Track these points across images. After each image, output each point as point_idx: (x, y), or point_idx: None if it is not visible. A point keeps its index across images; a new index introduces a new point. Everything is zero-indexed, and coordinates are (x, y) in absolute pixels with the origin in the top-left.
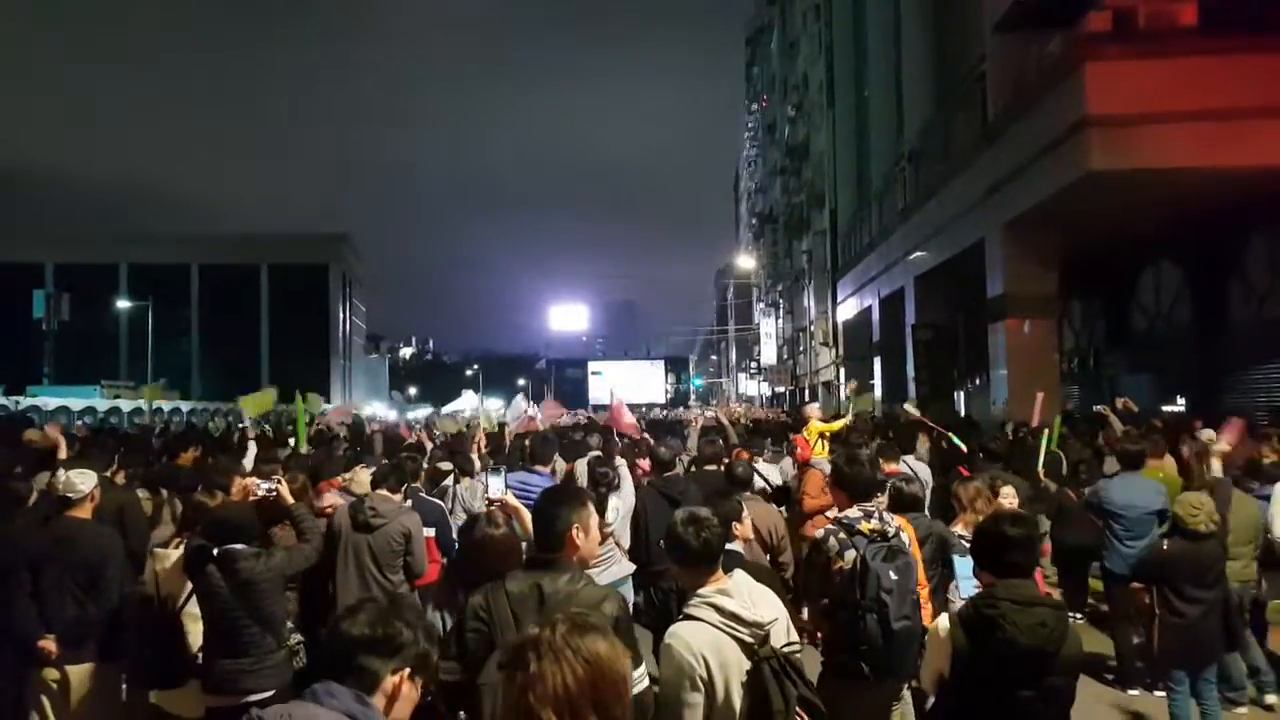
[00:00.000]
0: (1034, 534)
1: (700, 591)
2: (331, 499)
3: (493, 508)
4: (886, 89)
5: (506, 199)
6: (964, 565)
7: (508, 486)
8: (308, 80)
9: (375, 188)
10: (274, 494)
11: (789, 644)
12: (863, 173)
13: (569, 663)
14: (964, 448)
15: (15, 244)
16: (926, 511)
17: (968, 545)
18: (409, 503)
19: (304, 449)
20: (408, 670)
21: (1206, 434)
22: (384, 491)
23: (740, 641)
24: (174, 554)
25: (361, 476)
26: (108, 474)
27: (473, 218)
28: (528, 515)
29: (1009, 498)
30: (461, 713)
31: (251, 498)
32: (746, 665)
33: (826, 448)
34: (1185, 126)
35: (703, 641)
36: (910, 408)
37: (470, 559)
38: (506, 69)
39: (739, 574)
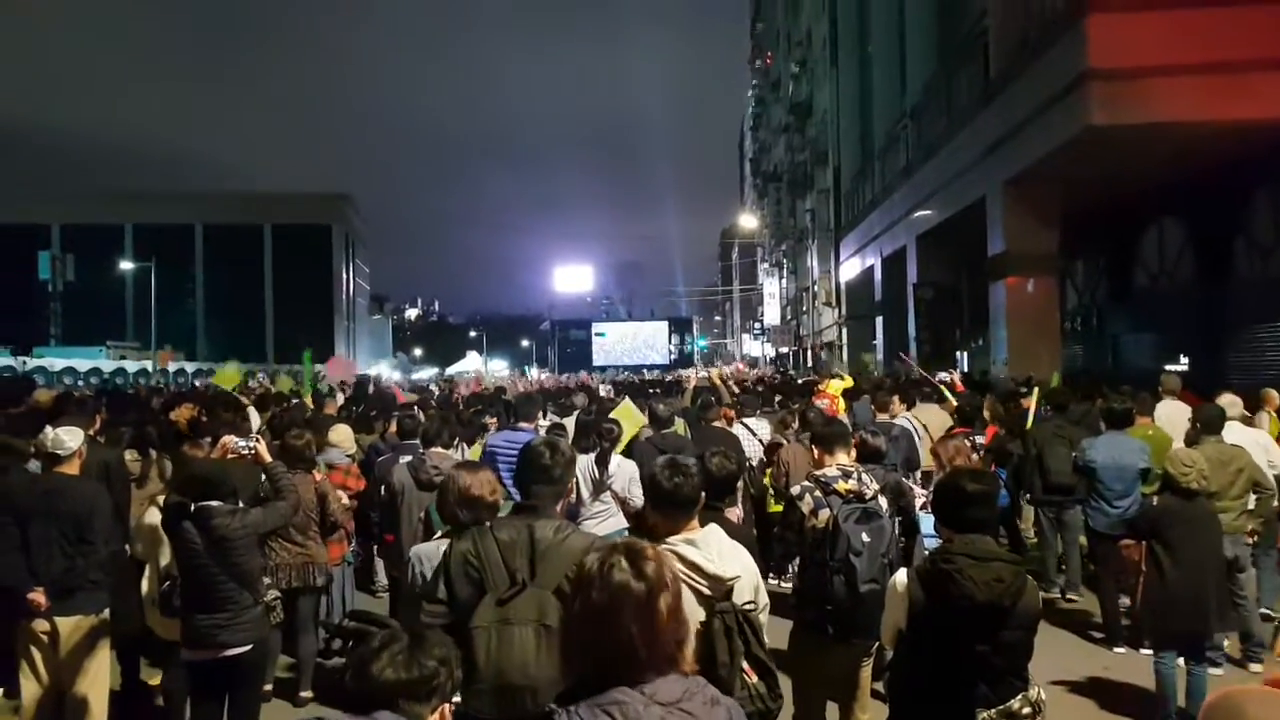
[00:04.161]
0: (993, 490)
1: (669, 540)
2: None
3: None
4: (890, 45)
5: (511, 158)
6: (928, 522)
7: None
8: (309, 35)
9: (379, 146)
10: (252, 451)
11: (749, 603)
12: (866, 130)
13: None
14: (953, 400)
15: (21, 206)
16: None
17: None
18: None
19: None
20: (447, 706)
21: (1227, 398)
22: (439, 449)
23: (698, 593)
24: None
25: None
26: (90, 433)
27: (477, 177)
28: None
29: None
30: None
31: (230, 455)
32: (701, 616)
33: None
34: (1187, 80)
35: None
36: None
37: None
38: (510, 24)
39: (713, 528)
